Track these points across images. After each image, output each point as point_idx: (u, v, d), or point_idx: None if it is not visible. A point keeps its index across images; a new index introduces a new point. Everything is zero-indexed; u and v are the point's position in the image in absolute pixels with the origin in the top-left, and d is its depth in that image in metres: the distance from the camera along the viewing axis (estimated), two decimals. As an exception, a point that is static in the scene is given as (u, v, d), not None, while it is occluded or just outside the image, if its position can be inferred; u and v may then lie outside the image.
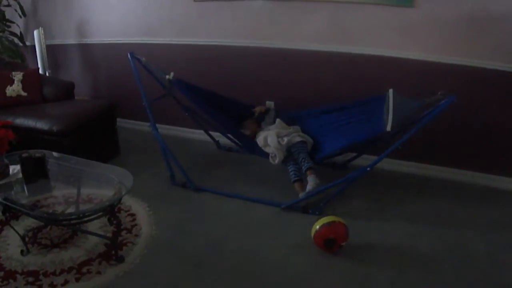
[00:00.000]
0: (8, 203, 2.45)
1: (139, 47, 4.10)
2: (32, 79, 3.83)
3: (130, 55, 3.39)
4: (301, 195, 3.10)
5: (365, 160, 3.32)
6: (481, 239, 2.79)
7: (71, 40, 4.52)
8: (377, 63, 3.46)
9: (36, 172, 2.64)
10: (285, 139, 3.27)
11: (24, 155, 2.61)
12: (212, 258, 2.61)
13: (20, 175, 2.68)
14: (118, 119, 3.91)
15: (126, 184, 2.54)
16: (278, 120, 3.50)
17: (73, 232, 2.80)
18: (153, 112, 3.38)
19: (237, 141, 3.58)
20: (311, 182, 3.08)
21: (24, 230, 2.71)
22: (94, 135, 3.63)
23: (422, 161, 3.60)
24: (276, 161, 3.25)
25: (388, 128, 2.80)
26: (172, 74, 3.37)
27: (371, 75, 3.52)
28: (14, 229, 2.61)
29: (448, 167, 3.56)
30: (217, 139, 4.04)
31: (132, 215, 3.01)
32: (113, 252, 2.57)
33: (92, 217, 2.41)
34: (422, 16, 3.21)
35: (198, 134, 4.17)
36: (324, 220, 2.62)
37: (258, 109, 3.67)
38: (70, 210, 2.65)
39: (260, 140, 3.38)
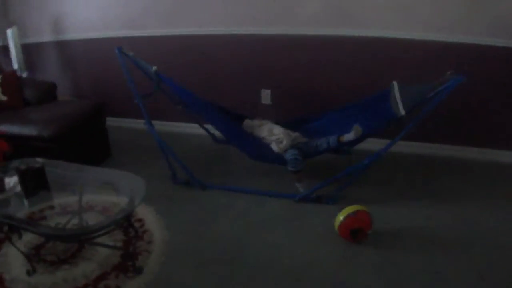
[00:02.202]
0: (9, 222, 2.16)
1: (122, 41, 3.72)
2: (11, 82, 3.45)
3: (118, 50, 3.06)
4: (298, 185, 2.94)
5: (370, 144, 3.12)
6: (496, 216, 2.70)
7: (47, 38, 4.11)
8: (378, 45, 3.28)
9: (36, 184, 2.34)
10: (294, 134, 3.08)
11: (22, 166, 2.30)
12: (237, 258, 2.41)
13: (19, 189, 2.38)
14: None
15: (138, 190, 2.28)
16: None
17: (80, 245, 2.53)
18: (149, 108, 3.07)
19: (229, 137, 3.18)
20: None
21: (25, 247, 2.42)
22: (84, 137, 3.31)
23: (426, 140, 3.49)
24: (283, 145, 2.96)
25: (402, 112, 2.65)
26: (154, 67, 3.08)
27: (372, 58, 3.35)
28: (17, 248, 2.31)
29: (452, 144, 3.46)
30: (212, 132, 3.78)
31: (140, 220, 2.74)
32: (129, 263, 2.33)
33: (106, 230, 2.16)
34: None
35: (191, 128, 3.88)
36: (348, 210, 2.47)
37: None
38: (74, 221, 2.39)
39: (262, 130, 3.15)
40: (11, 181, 2.41)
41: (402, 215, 2.73)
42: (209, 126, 3.70)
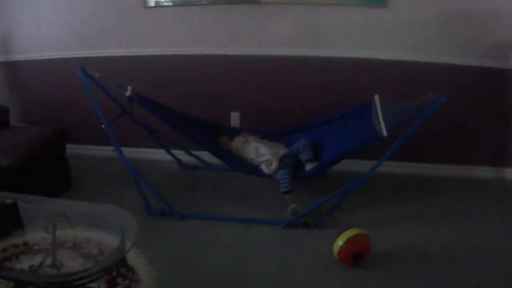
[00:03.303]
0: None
1: (79, 61, 3.37)
2: (-45, 107, 3.00)
3: (81, 71, 2.76)
4: (291, 206, 2.78)
5: (347, 165, 3.06)
6: (482, 229, 2.74)
7: (-6, 58, 3.68)
8: (352, 65, 3.26)
9: (8, 223, 1.99)
10: (281, 151, 2.96)
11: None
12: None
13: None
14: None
15: (129, 227, 2.00)
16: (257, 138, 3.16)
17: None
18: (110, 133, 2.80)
19: (218, 157, 3.02)
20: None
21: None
22: (45, 166, 2.94)
23: (402, 160, 3.43)
24: (273, 167, 2.86)
25: (384, 133, 2.59)
26: (130, 88, 2.83)
27: (346, 78, 3.32)
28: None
29: (430, 163, 3.49)
30: (179, 158, 3.53)
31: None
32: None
33: (95, 277, 1.85)
34: (395, 16, 3.09)
35: (155, 154, 3.60)
36: (347, 234, 2.36)
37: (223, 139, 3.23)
38: (48, 261, 2.05)
39: (249, 151, 3.01)
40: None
41: (392, 235, 2.67)
42: (175, 152, 3.49)
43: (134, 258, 2.41)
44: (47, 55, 3.57)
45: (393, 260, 2.46)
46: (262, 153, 2.98)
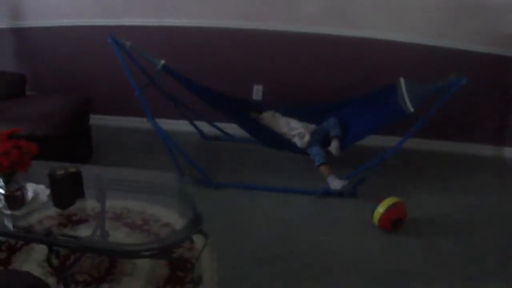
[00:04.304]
0: (51, 240, 1.74)
1: (98, 30, 3.31)
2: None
3: (112, 40, 2.68)
4: (329, 178, 2.82)
5: (369, 140, 3.08)
6: (495, 200, 2.95)
7: (2, 24, 3.42)
8: (374, 46, 3.34)
9: (73, 192, 1.93)
10: (311, 125, 3.01)
11: (59, 172, 1.87)
12: (283, 256, 2.27)
13: (45, 199, 1.94)
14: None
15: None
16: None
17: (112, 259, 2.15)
18: (131, 104, 2.84)
19: (250, 132, 3.03)
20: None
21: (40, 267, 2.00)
22: (73, 136, 2.84)
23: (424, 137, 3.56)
24: (305, 139, 2.92)
25: (411, 109, 2.71)
26: (162, 61, 2.80)
27: (368, 57, 3.40)
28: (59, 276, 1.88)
29: (444, 140, 3.65)
30: (200, 128, 3.51)
31: (167, 224, 2.43)
32: (180, 273, 2.05)
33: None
34: (417, 2, 3.18)
35: (172, 125, 3.48)
36: (387, 202, 2.49)
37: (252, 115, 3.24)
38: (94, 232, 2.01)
39: (281, 126, 3.04)
40: (35, 189, 1.97)
41: (418, 205, 2.78)
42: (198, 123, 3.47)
43: (180, 225, 2.43)
44: (60, 21, 3.39)
45: (429, 226, 2.61)
46: (294, 127, 3.03)
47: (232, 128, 3.38)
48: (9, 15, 3.44)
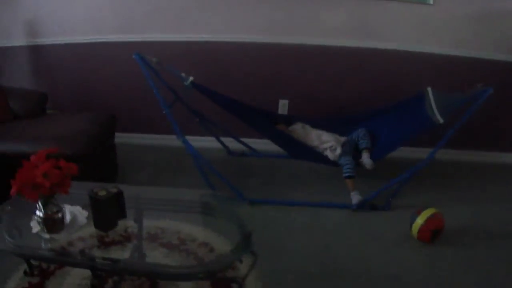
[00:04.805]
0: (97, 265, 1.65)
1: (117, 46, 3.27)
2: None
3: (137, 56, 2.60)
4: (352, 194, 2.80)
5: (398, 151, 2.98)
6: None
7: (19, 42, 3.36)
8: (398, 57, 3.31)
9: (115, 214, 1.84)
10: (341, 138, 2.96)
11: (101, 192, 1.78)
12: (328, 272, 2.20)
13: (84, 221, 1.85)
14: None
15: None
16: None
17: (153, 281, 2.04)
18: (155, 121, 2.76)
19: (281, 145, 2.96)
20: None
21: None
22: (99, 154, 2.74)
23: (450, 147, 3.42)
24: (337, 152, 2.86)
25: (441, 120, 2.65)
26: (191, 78, 2.72)
27: (392, 69, 3.37)
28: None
29: (469, 150, 3.60)
30: (226, 144, 3.44)
31: (206, 244, 2.33)
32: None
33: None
34: (439, 13, 3.17)
35: (197, 142, 3.14)
36: (426, 213, 2.43)
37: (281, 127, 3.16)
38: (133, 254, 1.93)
39: (312, 139, 2.97)
40: (71, 211, 1.88)
41: (451, 215, 2.66)
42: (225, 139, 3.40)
43: (218, 242, 2.30)
44: (79, 39, 3.33)
45: (461, 236, 2.55)
46: (325, 140, 2.96)
47: (258, 143, 3.34)
48: (26, 33, 3.37)
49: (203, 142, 3.37)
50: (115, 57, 3.34)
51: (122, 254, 1.93)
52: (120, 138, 3.30)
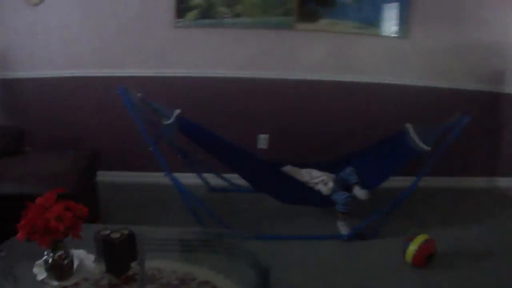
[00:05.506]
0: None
1: (95, 81, 3.16)
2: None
3: (121, 92, 2.50)
4: (340, 224, 2.85)
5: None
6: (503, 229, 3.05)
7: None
8: (376, 90, 3.46)
9: (128, 256, 1.73)
10: (331, 175, 3.00)
11: (114, 235, 1.67)
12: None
13: (92, 265, 1.72)
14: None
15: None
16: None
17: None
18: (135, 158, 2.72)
19: (268, 188, 2.90)
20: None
21: None
22: (84, 194, 2.56)
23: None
24: (330, 185, 2.88)
25: (426, 148, 2.73)
26: (177, 111, 2.71)
27: (371, 101, 3.50)
28: None
29: (436, 176, 3.64)
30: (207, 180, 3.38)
31: (206, 282, 2.20)
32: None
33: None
34: (413, 46, 3.38)
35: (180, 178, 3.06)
36: (419, 239, 2.52)
37: None
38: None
39: (303, 175, 2.99)
40: (78, 255, 1.74)
41: (445, 238, 2.80)
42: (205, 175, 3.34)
43: (220, 282, 2.25)
44: (54, 72, 3.20)
45: (455, 260, 2.64)
46: (316, 176, 2.98)
47: (240, 179, 3.22)
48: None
49: (184, 178, 3.25)
50: (92, 91, 3.24)
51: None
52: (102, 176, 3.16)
